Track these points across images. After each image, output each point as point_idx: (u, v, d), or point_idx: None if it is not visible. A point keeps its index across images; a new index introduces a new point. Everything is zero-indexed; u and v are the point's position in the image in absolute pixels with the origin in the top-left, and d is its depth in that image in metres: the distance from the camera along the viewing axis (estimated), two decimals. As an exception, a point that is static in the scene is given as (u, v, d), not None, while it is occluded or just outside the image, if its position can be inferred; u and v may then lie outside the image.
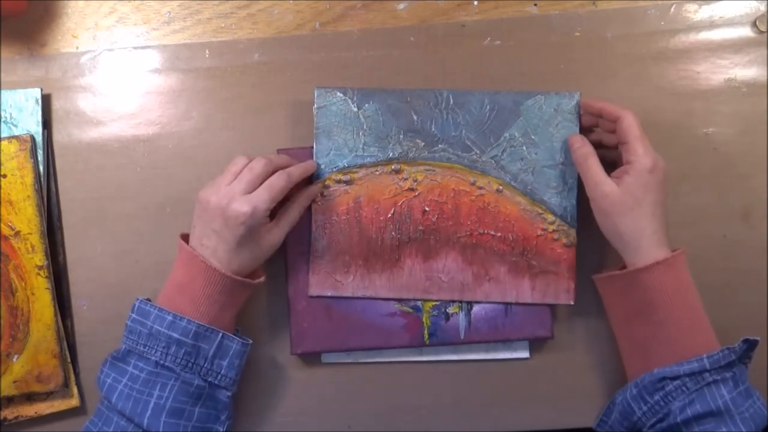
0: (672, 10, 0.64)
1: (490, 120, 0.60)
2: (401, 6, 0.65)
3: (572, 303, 0.61)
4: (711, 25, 0.64)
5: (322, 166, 0.60)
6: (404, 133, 0.60)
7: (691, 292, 0.55)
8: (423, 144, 0.60)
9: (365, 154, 0.60)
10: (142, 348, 0.54)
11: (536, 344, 0.63)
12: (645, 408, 0.54)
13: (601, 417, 0.60)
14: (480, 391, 0.63)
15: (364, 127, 0.60)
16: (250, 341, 0.57)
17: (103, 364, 0.56)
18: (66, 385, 0.61)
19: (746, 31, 0.64)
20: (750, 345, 0.54)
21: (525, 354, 0.63)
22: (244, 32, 0.65)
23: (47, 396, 0.62)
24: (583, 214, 0.60)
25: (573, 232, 0.60)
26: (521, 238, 0.60)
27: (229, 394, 0.56)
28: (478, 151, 0.60)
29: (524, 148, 0.60)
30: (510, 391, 0.63)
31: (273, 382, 0.63)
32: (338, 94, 0.59)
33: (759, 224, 0.63)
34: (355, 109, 0.60)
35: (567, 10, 0.64)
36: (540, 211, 0.60)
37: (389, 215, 0.60)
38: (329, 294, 0.61)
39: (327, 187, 0.60)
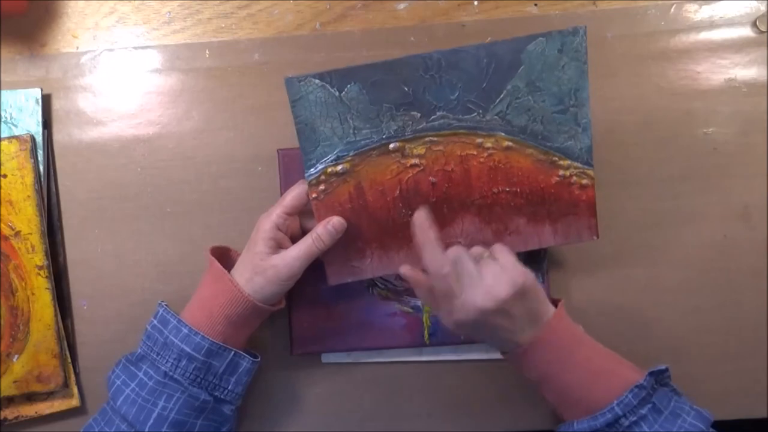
0: (672, 10, 0.64)
1: (489, 75, 0.54)
2: (401, 6, 0.65)
3: (596, 238, 0.59)
4: (711, 25, 0.64)
5: (313, 161, 0.55)
6: (396, 107, 0.54)
7: (579, 343, 0.53)
8: (420, 115, 0.55)
9: (358, 138, 0.55)
10: (155, 356, 0.54)
11: (536, 344, 0.63)
12: None
13: None
14: (480, 391, 0.63)
15: (351, 110, 0.54)
16: (259, 358, 0.57)
17: (116, 364, 0.56)
18: (66, 385, 0.61)
19: (746, 31, 0.64)
20: (657, 375, 0.52)
21: (525, 354, 0.63)
22: (244, 32, 0.65)
23: (47, 396, 0.62)
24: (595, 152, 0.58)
25: (590, 171, 0.57)
26: (538, 188, 0.57)
27: (233, 407, 0.56)
28: (480, 111, 0.55)
29: (530, 97, 0.55)
30: (510, 391, 0.63)
31: (273, 382, 0.63)
32: (314, 80, 0.53)
33: (759, 224, 0.63)
34: (337, 94, 0.53)
35: (567, 10, 0.64)
36: (555, 159, 0.57)
37: (396, 194, 0.56)
38: (349, 280, 0.59)
39: (323, 181, 0.56)
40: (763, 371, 0.63)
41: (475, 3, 0.65)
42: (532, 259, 0.62)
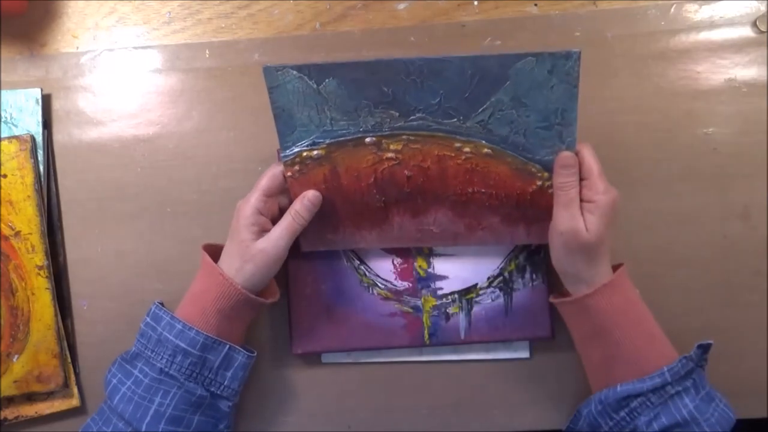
0: (672, 10, 0.64)
1: (472, 86, 0.52)
2: (401, 6, 0.65)
3: None
4: (711, 25, 0.64)
5: (289, 143, 0.55)
6: (375, 105, 0.53)
7: (640, 305, 0.55)
8: (398, 114, 0.53)
9: (335, 128, 0.54)
10: (149, 353, 0.54)
11: (536, 344, 0.63)
12: (611, 423, 0.54)
13: (568, 425, 0.60)
14: (480, 391, 0.63)
15: (328, 102, 0.53)
16: (255, 353, 0.57)
17: (112, 363, 0.56)
18: (66, 385, 0.61)
19: (746, 31, 0.64)
20: (705, 349, 0.54)
21: (525, 354, 0.63)
22: (244, 32, 0.65)
23: (47, 396, 0.62)
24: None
25: None
26: (514, 194, 0.57)
27: (230, 404, 0.56)
28: (461, 118, 0.53)
29: (513, 111, 0.53)
30: (510, 391, 0.63)
31: (273, 382, 0.63)
32: (292, 71, 0.52)
33: (759, 224, 0.63)
34: (315, 86, 0.52)
35: (567, 10, 0.64)
36: (534, 170, 0.55)
37: (371, 181, 0.57)
38: (321, 249, 0.61)
39: (299, 163, 0.55)
40: (763, 371, 0.62)
41: (475, 3, 0.65)
42: (532, 259, 0.62)
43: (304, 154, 0.55)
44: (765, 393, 0.62)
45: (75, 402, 0.62)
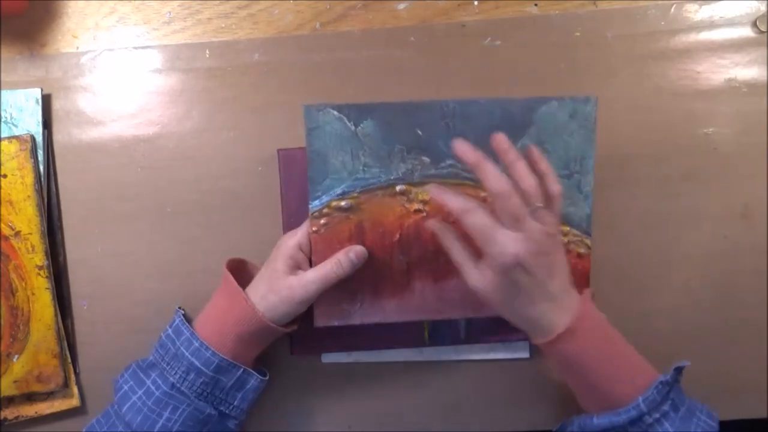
0: (672, 10, 0.64)
1: (500, 130, 0.53)
2: (401, 6, 0.65)
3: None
4: (711, 25, 0.64)
5: (318, 193, 0.55)
6: (408, 149, 0.55)
7: (609, 335, 0.52)
8: (429, 161, 0.55)
9: (366, 176, 0.55)
10: (165, 365, 0.54)
11: (536, 344, 0.63)
12: None
13: None
14: (480, 391, 0.63)
15: (364, 147, 0.54)
16: (267, 376, 0.57)
17: (126, 368, 0.56)
18: (66, 385, 0.61)
19: (746, 31, 0.64)
20: (680, 370, 0.52)
21: (525, 354, 0.63)
22: (244, 32, 0.65)
23: (47, 396, 0.62)
24: (596, 218, 0.58)
25: (588, 240, 0.58)
26: None
27: (237, 422, 0.57)
28: None
29: None
30: (510, 391, 0.63)
31: (273, 382, 0.63)
32: (332, 112, 0.53)
33: (759, 224, 0.63)
34: (353, 128, 0.54)
35: (567, 10, 0.64)
36: None
37: (395, 238, 0.57)
38: (336, 323, 0.58)
39: (326, 215, 0.56)
40: (763, 371, 0.63)
41: (475, 3, 0.65)
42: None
43: (333, 203, 0.55)
44: (765, 393, 0.62)
45: (75, 402, 0.62)
